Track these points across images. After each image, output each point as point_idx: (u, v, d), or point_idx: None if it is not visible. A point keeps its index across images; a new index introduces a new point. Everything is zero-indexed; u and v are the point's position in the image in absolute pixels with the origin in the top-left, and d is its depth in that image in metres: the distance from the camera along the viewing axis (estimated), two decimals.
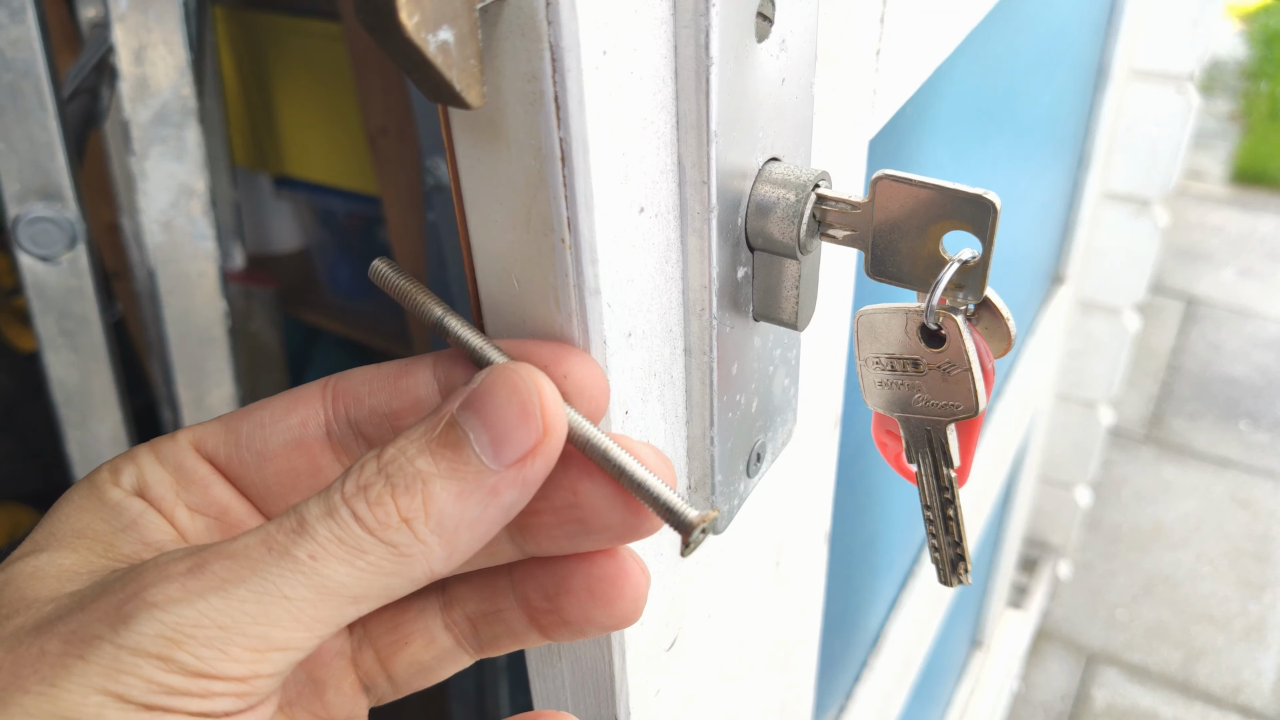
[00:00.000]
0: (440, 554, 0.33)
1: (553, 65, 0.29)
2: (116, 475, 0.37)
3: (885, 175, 0.38)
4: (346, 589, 0.32)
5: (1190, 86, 1.74)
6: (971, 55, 0.80)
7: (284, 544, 0.32)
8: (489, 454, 0.32)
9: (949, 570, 0.48)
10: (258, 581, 0.31)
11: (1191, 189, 4.26)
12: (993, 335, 0.41)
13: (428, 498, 0.32)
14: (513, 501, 0.33)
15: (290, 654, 0.32)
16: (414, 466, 0.33)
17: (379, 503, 0.32)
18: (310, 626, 0.32)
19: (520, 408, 0.33)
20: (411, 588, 0.33)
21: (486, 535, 0.33)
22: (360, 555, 0.32)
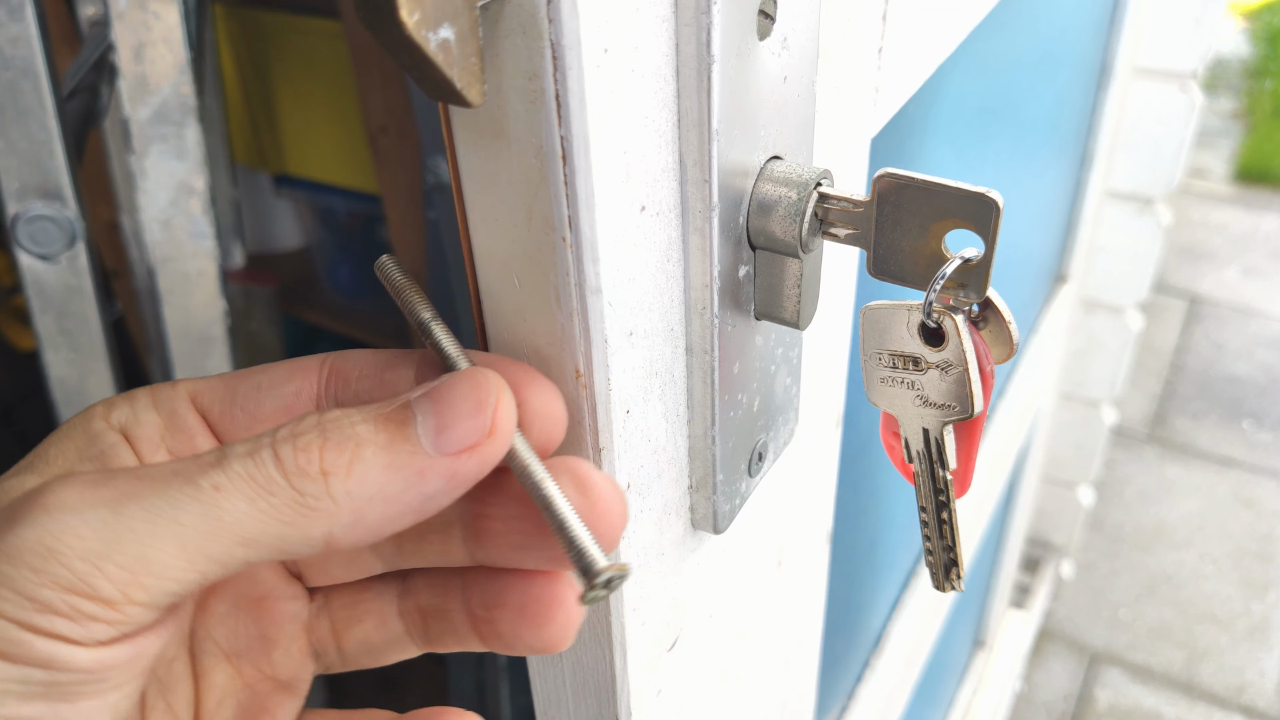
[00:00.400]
0: (345, 519, 0.32)
1: (554, 63, 0.29)
2: (109, 410, 0.37)
3: (887, 173, 0.38)
4: (240, 527, 0.31)
5: (1193, 84, 1.74)
6: (974, 53, 0.80)
7: (193, 472, 0.31)
8: (430, 438, 0.33)
9: (942, 575, 0.48)
10: (153, 501, 0.31)
11: (1194, 187, 4.26)
12: (995, 340, 0.41)
13: (356, 458, 0.32)
14: (435, 492, 0.33)
15: (166, 585, 0.31)
16: (353, 429, 0.33)
17: (305, 449, 0.32)
18: (193, 559, 0.31)
19: (475, 404, 0.33)
20: (305, 549, 0.32)
21: (397, 520, 0.33)
22: (265, 495, 0.31)
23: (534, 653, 0.39)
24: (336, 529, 0.32)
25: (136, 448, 0.37)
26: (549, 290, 0.34)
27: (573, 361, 0.36)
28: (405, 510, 0.33)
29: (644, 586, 0.44)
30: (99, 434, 0.37)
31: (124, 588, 0.30)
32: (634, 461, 0.40)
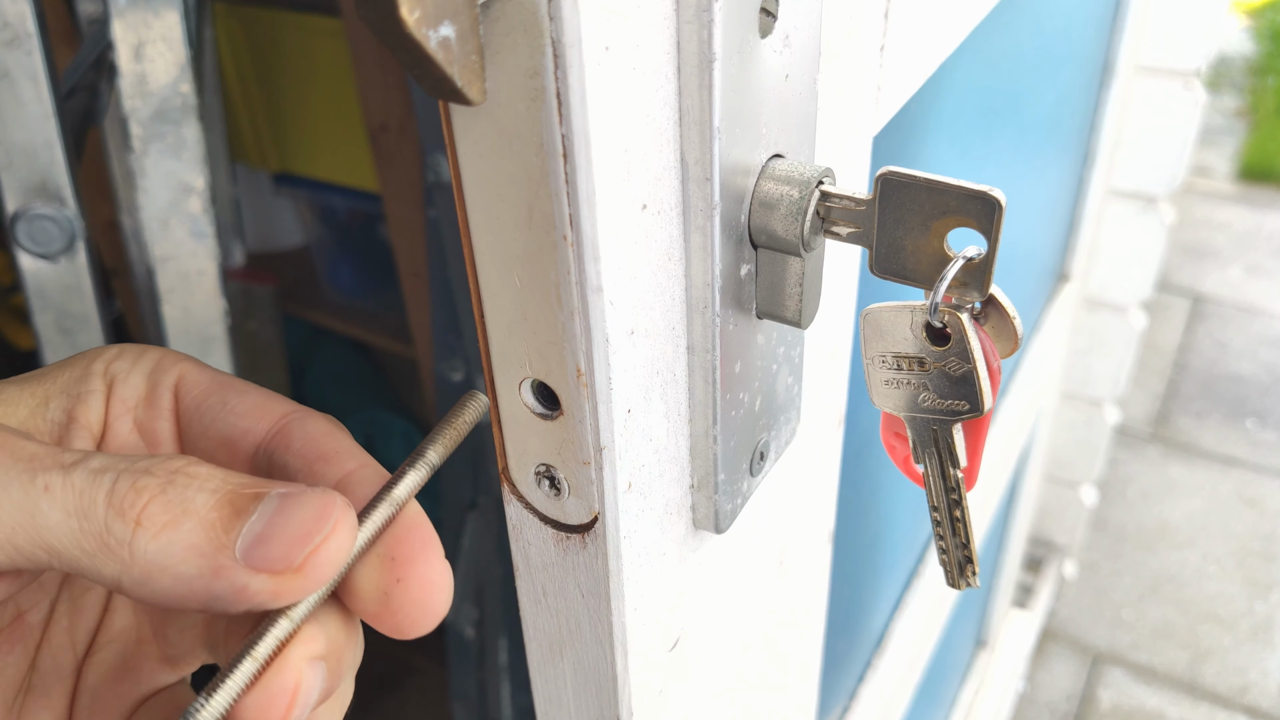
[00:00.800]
0: (136, 574, 0.32)
1: (555, 61, 0.29)
2: (114, 358, 0.39)
3: (889, 172, 0.38)
4: (47, 533, 0.31)
5: (1196, 82, 1.73)
6: (976, 51, 0.80)
7: (45, 464, 0.32)
8: (245, 542, 0.32)
9: (957, 573, 0.48)
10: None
11: (1198, 186, 4.26)
12: (1000, 335, 0.41)
13: (171, 524, 0.31)
14: (221, 594, 0.32)
15: None
16: (192, 496, 0.32)
17: (138, 491, 0.32)
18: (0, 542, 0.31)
19: (301, 534, 0.32)
20: (93, 579, 0.32)
21: (182, 600, 0.32)
22: (80, 516, 0.31)
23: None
24: (125, 579, 0.32)
25: (110, 403, 0.38)
26: (550, 289, 0.34)
27: (574, 360, 0.36)
28: (190, 595, 0.32)
29: (645, 586, 0.44)
30: (90, 376, 0.38)
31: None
32: (635, 461, 0.40)
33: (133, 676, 0.41)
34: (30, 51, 0.90)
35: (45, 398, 0.38)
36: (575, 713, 0.49)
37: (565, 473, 0.40)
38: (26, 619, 0.39)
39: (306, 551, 0.32)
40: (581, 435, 0.38)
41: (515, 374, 0.38)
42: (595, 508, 0.40)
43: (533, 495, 0.42)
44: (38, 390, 0.38)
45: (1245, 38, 5.29)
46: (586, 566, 0.42)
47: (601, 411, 0.37)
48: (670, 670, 0.50)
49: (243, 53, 1.54)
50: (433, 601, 0.35)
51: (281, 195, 1.74)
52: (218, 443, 0.39)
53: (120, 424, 0.39)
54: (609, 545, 0.41)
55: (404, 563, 0.34)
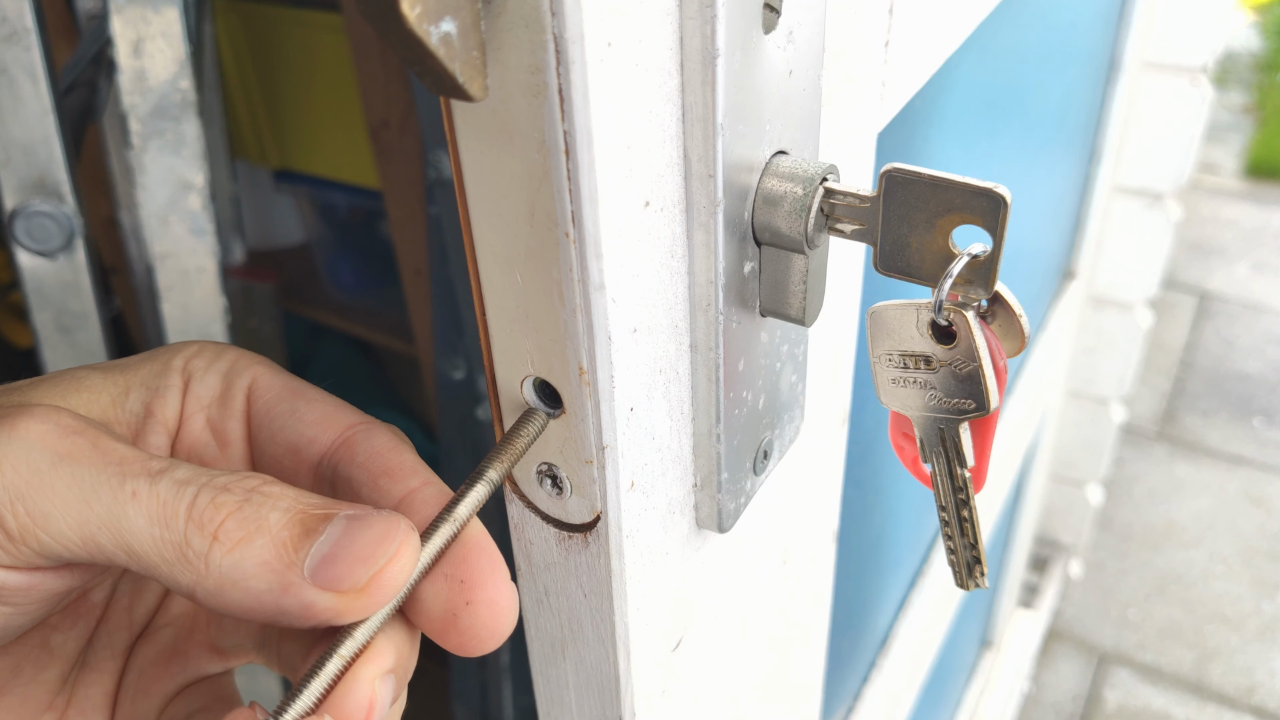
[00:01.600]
0: (209, 585, 0.33)
1: (556, 57, 0.29)
2: (194, 355, 0.41)
3: (894, 169, 0.38)
4: (130, 537, 0.33)
5: (1203, 79, 1.73)
6: (982, 47, 0.80)
7: (134, 470, 0.34)
8: (314, 561, 0.33)
9: (965, 574, 0.48)
10: (85, 473, 0.33)
11: (1204, 183, 4.25)
12: (1006, 334, 0.41)
13: (245, 540, 0.33)
14: (289, 609, 0.34)
15: (55, 548, 0.33)
16: (266, 514, 0.34)
17: (217, 507, 0.33)
18: (84, 541, 0.33)
19: (367, 555, 0.33)
20: (168, 585, 0.34)
21: (252, 612, 0.34)
22: (162, 526, 0.33)
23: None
24: (199, 590, 0.34)
25: (185, 400, 0.40)
26: (552, 286, 0.34)
27: (576, 358, 0.36)
28: (259, 608, 0.34)
29: (648, 586, 0.44)
30: (170, 371, 0.40)
31: (22, 531, 0.33)
32: (638, 459, 0.40)
33: (180, 661, 0.43)
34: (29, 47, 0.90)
35: (126, 388, 0.40)
36: (577, 714, 0.49)
37: (567, 471, 0.40)
38: (90, 597, 0.41)
39: (371, 572, 0.33)
40: (584, 434, 0.38)
41: (517, 372, 0.38)
42: (598, 507, 0.40)
43: (535, 494, 0.42)
44: (119, 380, 0.40)
45: (1252, 33, 5.28)
46: (589, 566, 0.42)
47: (604, 410, 0.37)
48: (673, 671, 0.50)
49: (243, 49, 1.54)
50: (501, 624, 0.36)
51: (282, 192, 1.74)
52: (285, 449, 0.40)
53: (194, 420, 0.41)
54: (611, 545, 0.41)
55: (473, 586, 0.36)
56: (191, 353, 0.41)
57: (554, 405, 0.38)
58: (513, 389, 0.39)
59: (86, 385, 0.38)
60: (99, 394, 0.39)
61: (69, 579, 0.36)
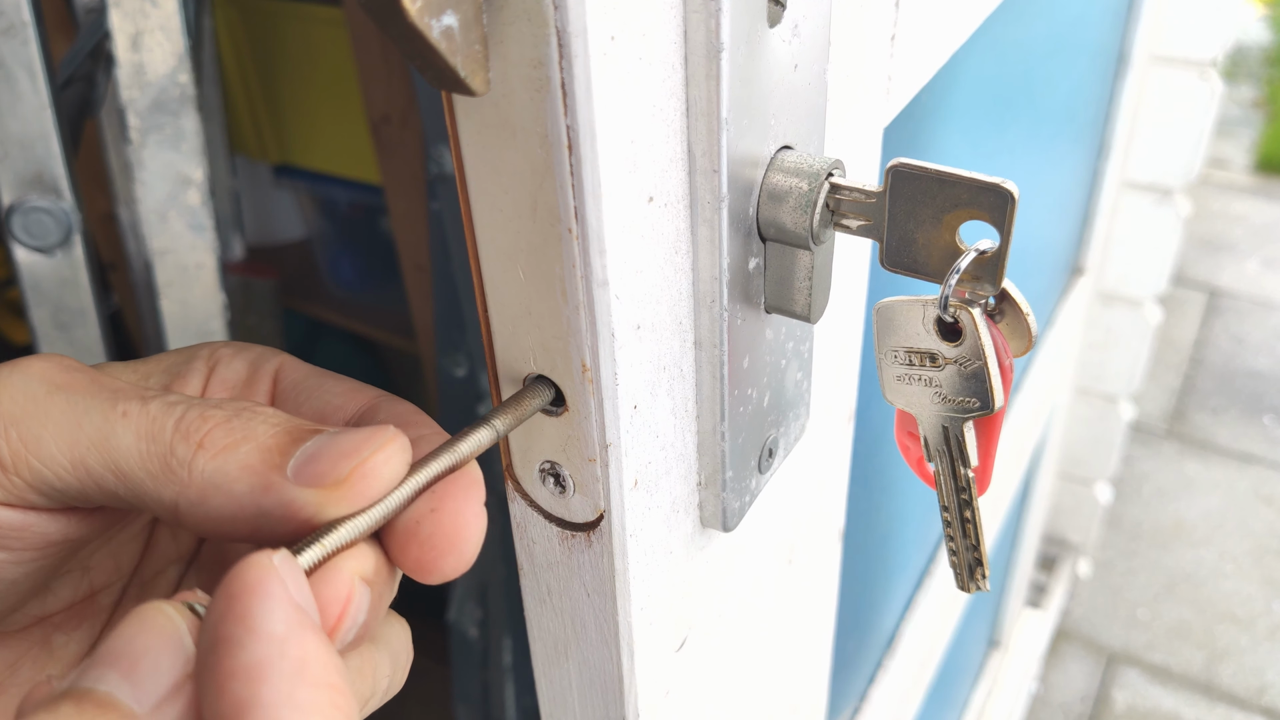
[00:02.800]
0: (192, 495, 0.34)
1: (559, 51, 0.29)
2: (218, 347, 0.42)
3: (900, 164, 0.38)
4: (119, 455, 0.34)
5: (1213, 72, 1.73)
6: (989, 40, 0.80)
7: (127, 394, 0.35)
8: (296, 461, 0.33)
9: (966, 575, 0.48)
10: (78, 399, 0.34)
11: (1214, 178, 4.25)
12: (1013, 333, 0.41)
13: (230, 446, 0.34)
14: (269, 510, 0.33)
15: (45, 475, 0.34)
16: (255, 425, 0.34)
17: (203, 419, 0.34)
18: (74, 461, 0.34)
19: (347, 451, 0.33)
20: (157, 507, 0.34)
21: (232, 521, 0.34)
22: (149, 440, 0.34)
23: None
24: (182, 501, 0.34)
25: (209, 382, 0.41)
26: (554, 283, 0.34)
27: (579, 355, 0.36)
28: (240, 515, 0.34)
29: (652, 585, 0.44)
30: (195, 359, 0.41)
31: (15, 457, 0.34)
32: (641, 458, 0.40)
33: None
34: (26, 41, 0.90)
35: (146, 374, 0.41)
36: (580, 714, 0.49)
37: (570, 470, 0.40)
38: (98, 599, 0.41)
39: (353, 464, 0.33)
40: (587, 432, 0.38)
41: (519, 369, 0.38)
42: (601, 505, 0.40)
43: (537, 493, 0.42)
44: (140, 368, 0.41)
45: (1262, 27, 5.28)
46: (592, 565, 0.42)
47: (607, 407, 0.37)
48: (677, 671, 0.50)
49: (242, 43, 1.54)
50: (463, 538, 0.35)
51: (282, 187, 1.74)
52: (310, 416, 0.40)
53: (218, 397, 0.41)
54: (615, 543, 0.41)
55: (441, 495, 0.35)
56: (218, 345, 0.42)
57: (557, 403, 0.38)
58: (515, 386, 0.39)
59: (108, 370, 0.39)
60: (118, 375, 0.39)
61: (64, 526, 0.36)
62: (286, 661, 0.27)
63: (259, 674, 0.26)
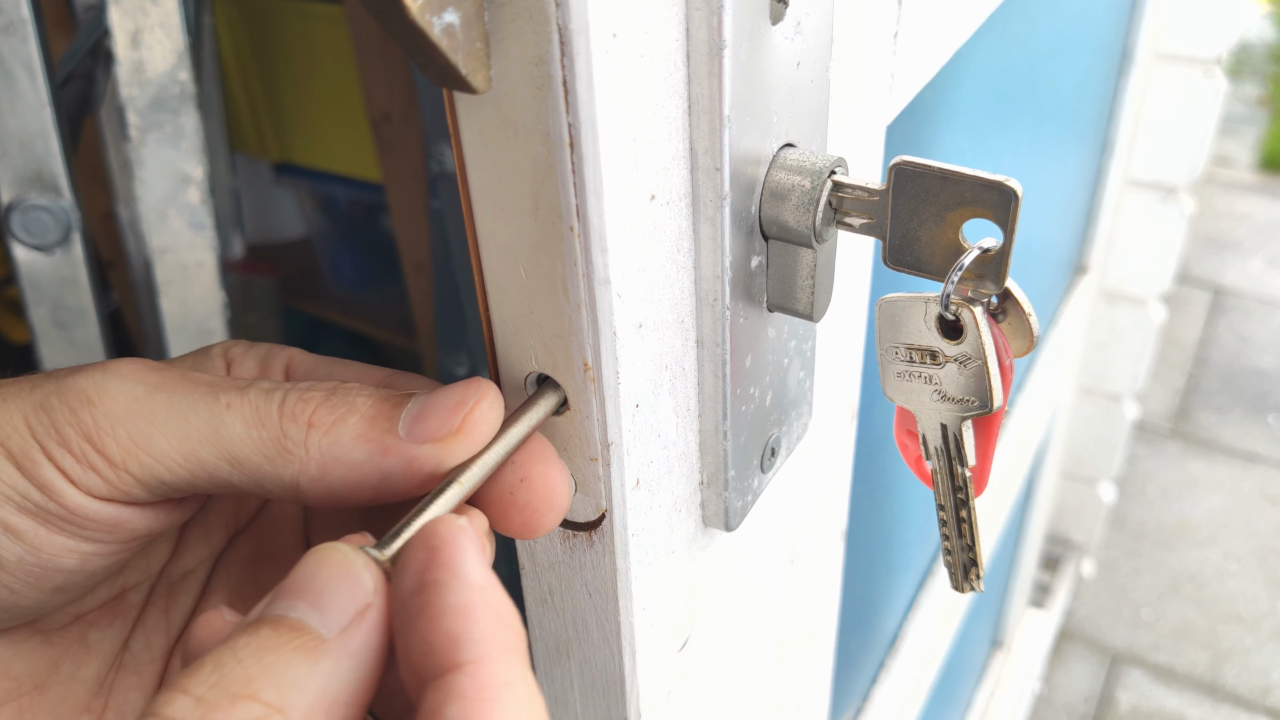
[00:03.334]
0: (312, 470, 0.36)
1: (561, 48, 0.29)
2: (231, 346, 0.43)
3: (903, 161, 0.38)
4: (230, 444, 0.36)
5: (1217, 70, 1.73)
6: (992, 38, 0.80)
7: (222, 388, 0.37)
8: (406, 424, 0.36)
9: (961, 576, 0.48)
10: (178, 397, 0.36)
11: (1218, 176, 4.25)
12: (1015, 333, 0.41)
13: (339, 421, 0.36)
14: (393, 472, 0.37)
15: (157, 469, 0.36)
16: (354, 398, 0.37)
17: (305, 401, 0.37)
18: (186, 457, 0.36)
19: (454, 405, 0.37)
20: (277, 487, 0.37)
21: (356, 488, 0.37)
22: (258, 426, 0.36)
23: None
24: (303, 478, 0.37)
25: (230, 376, 0.42)
26: (556, 281, 0.34)
27: (580, 354, 0.36)
28: (364, 480, 0.37)
29: (654, 585, 0.44)
30: (210, 357, 0.43)
31: (125, 454, 0.36)
32: (643, 457, 0.40)
33: None
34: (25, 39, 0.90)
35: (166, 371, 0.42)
36: (582, 715, 0.49)
37: (572, 469, 0.40)
38: (128, 598, 0.43)
39: (462, 415, 0.36)
40: (588, 431, 0.38)
41: (521, 368, 0.38)
42: (603, 505, 0.40)
43: None
44: (167, 366, 0.42)
45: (1267, 25, 5.27)
46: (594, 565, 0.42)
47: (609, 407, 0.37)
48: (679, 671, 0.50)
49: (242, 40, 1.54)
50: (556, 497, 0.38)
51: (282, 185, 1.74)
52: None
53: None
54: (617, 543, 0.41)
55: (524, 464, 0.38)
56: (229, 344, 0.43)
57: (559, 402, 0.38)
58: (517, 385, 0.39)
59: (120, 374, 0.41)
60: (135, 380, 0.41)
61: (151, 519, 0.38)
62: (489, 606, 0.30)
63: (468, 614, 0.30)
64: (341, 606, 0.31)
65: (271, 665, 0.29)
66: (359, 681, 0.30)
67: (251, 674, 0.29)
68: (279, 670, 0.29)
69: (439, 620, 0.30)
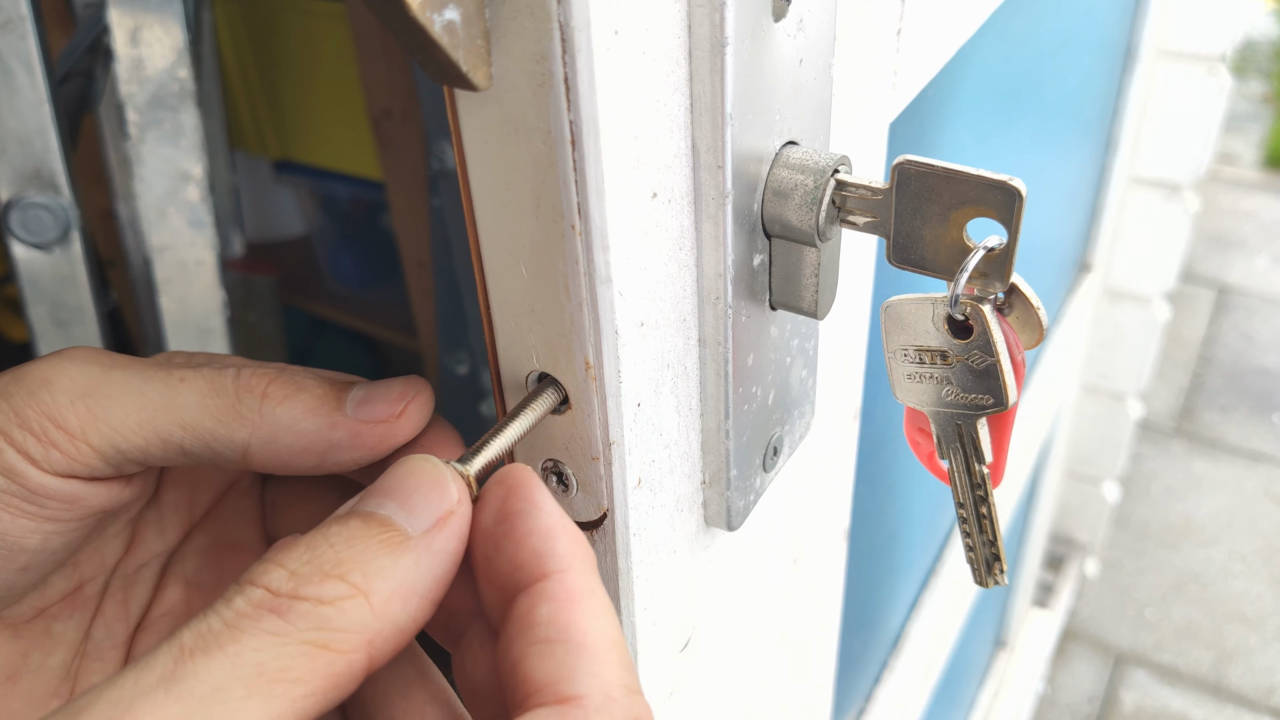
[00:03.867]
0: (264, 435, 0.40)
1: (562, 45, 0.29)
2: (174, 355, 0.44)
3: (906, 161, 0.38)
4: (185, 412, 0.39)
5: (1222, 67, 1.73)
6: (995, 35, 0.80)
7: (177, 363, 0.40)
8: (353, 405, 0.40)
9: (984, 570, 0.48)
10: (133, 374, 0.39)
11: (1223, 173, 4.25)
12: (1023, 325, 0.41)
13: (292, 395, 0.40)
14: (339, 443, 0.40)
15: (116, 439, 0.38)
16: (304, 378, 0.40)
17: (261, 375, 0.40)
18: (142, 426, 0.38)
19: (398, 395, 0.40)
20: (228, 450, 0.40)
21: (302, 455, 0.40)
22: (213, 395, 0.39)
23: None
24: (254, 441, 0.39)
25: None
26: (558, 279, 0.34)
27: (582, 353, 0.36)
28: (310, 448, 0.40)
29: (655, 585, 0.44)
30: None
31: (84, 426, 0.38)
32: (645, 456, 0.40)
33: None
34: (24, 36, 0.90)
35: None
36: None
37: (573, 468, 0.40)
38: (85, 590, 0.45)
39: (405, 403, 0.40)
40: (590, 430, 0.38)
41: (522, 367, 0.38)
42: (604, 504, 0.40)
43: None
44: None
45: (1272, 22, 5.27)
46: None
47: (610, 405, 0.37)
48: (681, 671, 0.50)
49: (242, 37, 1.54)
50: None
51: (282, 183, 1.74)
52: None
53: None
54: (618, 543, 0.41)
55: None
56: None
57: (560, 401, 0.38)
58: (518, 384, 0.39)
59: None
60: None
61: (108, 494, 0.40)
62: (568, 528, 0.34)
63: (551, 534, 0.33)
64: (427, 509, 0.33)
65: (360, 552, 0.32)
66: (435, 580, 0.33)
67: (341, 557, 0.32)
68: (366, 558, 0.32)
69: (525, 541, 0.33)
